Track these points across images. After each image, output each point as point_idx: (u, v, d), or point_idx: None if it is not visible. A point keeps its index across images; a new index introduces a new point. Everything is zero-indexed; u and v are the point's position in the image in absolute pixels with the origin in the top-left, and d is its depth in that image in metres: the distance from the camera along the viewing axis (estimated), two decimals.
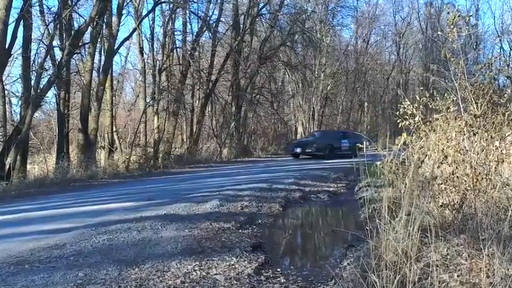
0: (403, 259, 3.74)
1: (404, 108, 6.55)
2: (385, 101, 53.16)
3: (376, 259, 4.03)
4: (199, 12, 27.26)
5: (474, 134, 5.85)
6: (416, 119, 6.48)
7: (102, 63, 21.73)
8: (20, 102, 19.08)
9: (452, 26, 6.24)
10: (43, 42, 18.25)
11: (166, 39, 26.38)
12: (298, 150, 24.93)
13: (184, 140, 30.36)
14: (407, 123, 6.57)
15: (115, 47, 21.04)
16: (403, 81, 50.65)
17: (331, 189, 13.41)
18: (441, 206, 5.55)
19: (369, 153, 7.63)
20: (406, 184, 4.86)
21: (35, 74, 16.91)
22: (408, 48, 52.16)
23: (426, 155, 5.99)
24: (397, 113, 6.76)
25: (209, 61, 28.98)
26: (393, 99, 51.77)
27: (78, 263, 5.42)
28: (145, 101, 25.58)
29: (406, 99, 6.54)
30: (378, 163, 6.85)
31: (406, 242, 3.95)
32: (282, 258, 6.52)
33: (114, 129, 23.97)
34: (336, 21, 43.72)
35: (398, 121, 6.80)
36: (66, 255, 5.75)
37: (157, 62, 26.30)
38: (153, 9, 24.93)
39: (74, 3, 18.80)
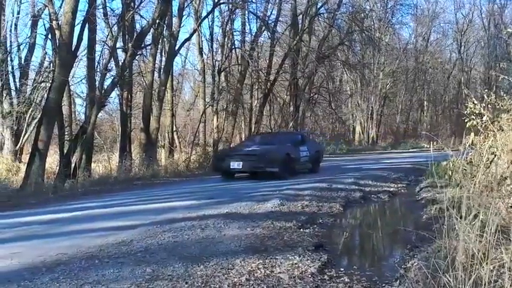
0: (476, 260, 3.70)
1: (471, 107, 6.45)
2: (445, 100, 52.16)
3: (445, 260, 4.00)
4: (257, 12, 27.38)
5: None
6: (484, 118, 6.36)
7: (163, 64, 22.12)
8: (85, 103, 19.67)
9: None
10: (106, 44, 18.73)
11: (225, 39, 26.60)
12: (236, 165, 14.98)
13: (243, 139, 30.55)
14: (474, 122, 6.47)
15: (176, 48, 21.39)
16: (465, 80, 49.53)
17: (392, 189, 13.27)
18: (511, 206, 5.45)
19: (431, 154, 7.51)
20: (475, 184, 4.79)
21: (99, 75, 17.37)
22: (470, 46, 50.97)
23: (495, 155, 5.88)
24: (465, 112, 6.64)
25: (267, 61, 29.07)
26: (454, 99, 50.76)
27: (145, 259, 5.55)
28: (205, 100, 25.88)
29: (473, 98, 6.44)
30: (444, 163, 6.75)
31: (482, 242, 3.89)
32: (345, 258, 6.51)
33: (174, 128, 24.37)
34: (395, 19, 43.35)
35: (465, 121, 6.69)
36: (134, 252, 5.91)
37: (217, 62, 26.56)
38: (212, 10, 25.20)
39: (136, 6, 19.18)
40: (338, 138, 38.40)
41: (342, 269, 5.60)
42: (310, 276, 5.14)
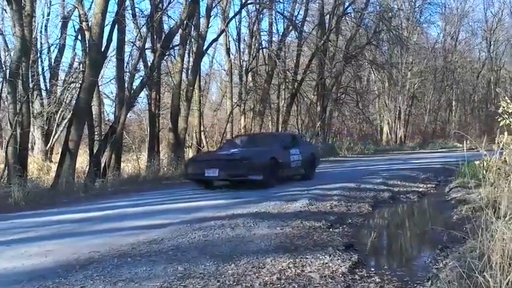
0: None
1: (504, 106, 6.37)
2: (474, 100, 51.56)
3: (480, 260, 3.96)
4: (285, 12, 27.44)
5: None
6: None
7: (191, 64, 22.24)
8: (114, 103, 19.88)
9: None
10: (135, 45, 18.91)
11: (253, 39, 26.72)
12: (211, 172, 12.50)
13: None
14: (507, 121, 6.39)
15: (204, 48, 21.51)
16: (494, 79, 48.93)
17: (421, 189, 13.14)
18: None
19: (462, 153, 7.44)
20: (509, 183, 4.73)
21: (128, 76, 17.53)
22: (499, 45, 50.32)
23: None
24: (498, 111, 6.57)
25: (295, 61, 29.11)
26: (483, 98, 50.16)
27: (176, 258, 5.60)
28: (232, 101, 25.97)
29: (506, 97, 6.36)
30: (477, 162, 6.68)
31: None
32: (375, 258, 6.48)
33: (201, 128, 24.48)
34: (423, 18, 43.08)
35: (498, 120, 6.61)
36: (165, 250, 5.96)
37: (244, 62, 26.66)
38: (239, 11, 25.29)
39: (165, 7, 19.31)
40: (365, 138, 38.17)
41: (373, 269, 5.58)
42: (341, 275, 5.13)
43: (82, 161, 18.27)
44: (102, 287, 4.60)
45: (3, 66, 15.94)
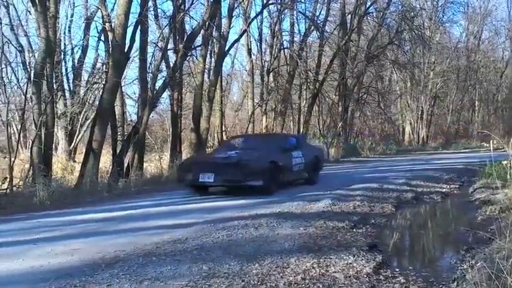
0: None
1: None
2: (498, 100, 50.98)
3: (509, 261, 3.93)
4: (306, 12, 27.40)
5: None
6: None
7: (212, 64, 22.32)
8: (136, 103, 20.02)
9: None
10: (157, 46, 19.01)
11: (274, 39, 26.73)
12: (206, 177, 11.21)
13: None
14: None
15: (225, 49, 21.57)
16: None
17: (444, 190, 13.09)
18: None
19: (489, 153, 7.39)
20: None
21: (151, 76, 17.63)
22: None
23: None
24: None
25: (316, 61, 29.04)
26: (507, 98, 49.57)
27: (201, 257, 5.64)
28: (253, 101, 26.02)
29: None
30: (505, 162, 6.62)
31: None
32: (399, 259, 6.47)
33: (223, 128, 24.56)
34: (445, 17, 42.61)
35: None
36: (189, 249, 6.00)
37: (265, 62, 26.68)
38: (261, 11, 25.32)
39: (187, 8, 19.39)
40: (387, 138, 37.94)
41: (397, 270, 5.58)
42: (365, 276, 5.14)
43: (105, 161, 18.37)
44: (128, 286, 4.65)
45: (28, 67, 16.13)
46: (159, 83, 18.31)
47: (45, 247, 6.31)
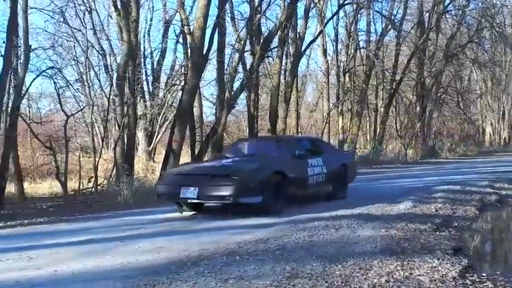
0: None
1: None
2: None
3: None
4: (383, 11, 27.03)
5: None
6: None
7: (288, 65, 22.37)
8: (214, 105, 20.31)
9: None
10: (234, 48, 19.23)
11: (350, 39, 26.52)
12: (188, 192, 8.49)
13: (368, 140, 30.29)
14: None
15: (301, 50, 21.59)
16: None
17: None
18: None
19: None
20: None
21: (229, 78, 17.86)
22: None
23: None
24: None
25: (393, 60, 28.59)
26: None
27: (283, 257, 5.67)
28: (329, 101, 25.91)
29: None
30: None
31: None
32: (485, 263, 6.31)
33: (299, 129, 24.57)
34: None
35: None
36: (271, 249, 6.06)
37: (341, 63, 26.51)
38: (337, 12, 25.21)
39: (264, 9, 19.53)
40: (467, 139, 36.93)
41: (484, 274, 5.44)
42: (451, 280, 5.04)
43: (184, 161, 18.71)
44: (214, 284, 4.74)
45: (110, 70, 16.65)
46: (236, 85, 18.54)
47: (131, 245, 6.54)
